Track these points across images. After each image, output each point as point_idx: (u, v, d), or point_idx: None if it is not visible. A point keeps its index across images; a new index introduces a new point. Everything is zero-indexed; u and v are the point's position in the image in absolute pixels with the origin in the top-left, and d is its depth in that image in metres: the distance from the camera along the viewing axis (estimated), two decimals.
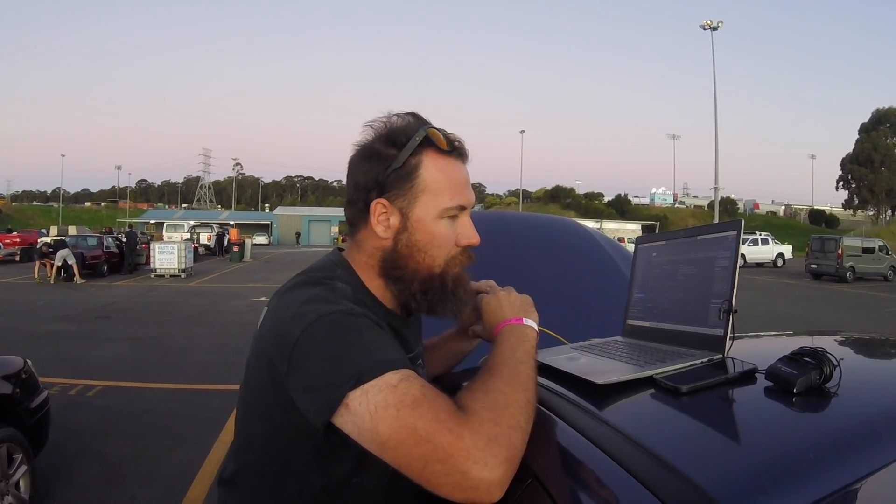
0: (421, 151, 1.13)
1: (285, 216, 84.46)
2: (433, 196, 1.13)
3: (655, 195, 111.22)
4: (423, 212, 1.14)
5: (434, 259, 1.15)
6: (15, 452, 3.78)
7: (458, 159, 1.18)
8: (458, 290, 1.19)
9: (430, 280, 1.16)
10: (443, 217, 1.15)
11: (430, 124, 1.17)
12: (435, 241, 1.15)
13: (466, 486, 0.87)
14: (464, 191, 1.16)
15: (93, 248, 22.92)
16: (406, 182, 1.12)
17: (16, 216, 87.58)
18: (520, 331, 1.16)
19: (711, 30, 36.03)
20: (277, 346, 1.03)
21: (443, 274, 1.16)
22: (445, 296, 1.17)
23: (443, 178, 1.14)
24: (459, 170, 1.17)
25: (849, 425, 0.89)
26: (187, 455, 5.06)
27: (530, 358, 1.09)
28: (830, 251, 27.77)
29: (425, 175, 1.13)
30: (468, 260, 1.20)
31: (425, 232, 1.14)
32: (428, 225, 1.14)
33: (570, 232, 3.08)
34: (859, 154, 76.43)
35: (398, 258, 1.15)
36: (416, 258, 1.15)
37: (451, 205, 1.14)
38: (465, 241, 1.18)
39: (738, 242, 1.22)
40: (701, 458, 0.82)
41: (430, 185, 1.13)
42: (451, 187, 1.15)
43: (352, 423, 0.94)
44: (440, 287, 1.16)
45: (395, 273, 1.16)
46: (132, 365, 8.41)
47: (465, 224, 1.18)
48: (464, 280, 1.20)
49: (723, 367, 1.12)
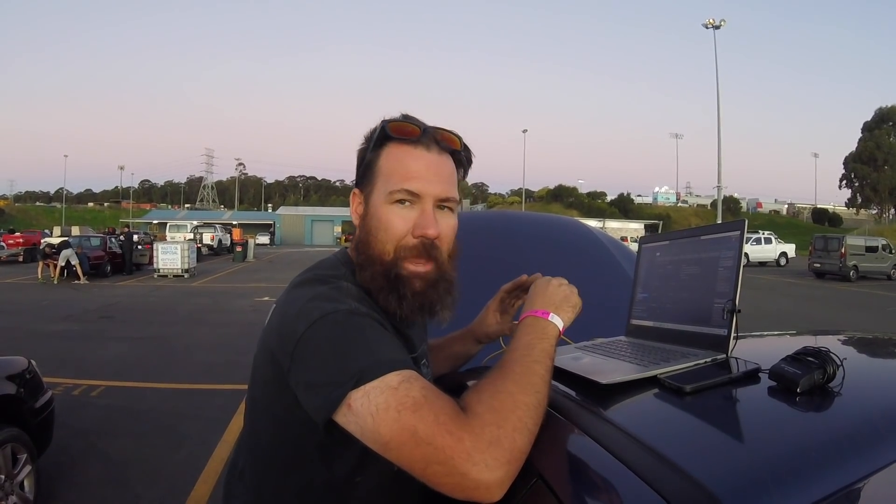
0: (383, 143, 1.17)
1: (288, 216, 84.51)
2: (384, 180, 1.16)
3: (658, 194, 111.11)
4: (377, 196, 1.17)
5: (383, 244, 1.15)
6: (19, 452, 3.79)
7: (426, 149, 1.16)
8: (402, 285, 1.14)
9: (385, 272, 1.14)
10: (391, 202, 1.14)
11: (397, 119, 1.18)
12: (382, 225, 1.15)
13: (466, 486, 0.88)
14: (419, 178, 1.14)
15: (96, 249, 22.98)
16: (370, 171, 1.19)
17: (19, 216, 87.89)
18: (542, 326, 1.13)
19: (714, 28, 35.93)
20: (282, 342, 1.04)
21: (393, 261, 1.14)
22: (388, 286, 1.14)
23: (396, 164, 1.15)
24: (420, 158, 1.15)
25: (852, 425, 0.89)
26: (191, 454, 5.08)
27: (547, 357, 1.07)
28: (833, 250, 27.71)
29: (382, 163, 1.17)
30: (423, 254, 1.15)
31: (375, 216, 1.16)
32: (378, 208, 1.16)
33: (574, 231, 3.07)
34: (862, 152, 76.28)
35: (361, 244, 1.18)
36: (370, 243, 1.16)
37: (396, 188, 1.13)
38: (420, 230, 1.14)
39: (741, 242, 1.22)
40: (705, 457, 0.83)
41: (383, 171, 1.16)
42: (404, 173, 1.14)
43: (354, 424, 0.95)
44: (383, 274, 1.14)
45: (360, 259, 1.17)
46: (135, 365, 8.43)
47: (423, 213, 1.14)
48: (413, 277, 1.15)
49: (726, 367, 1.12)
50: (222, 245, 41.44)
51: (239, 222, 69.40)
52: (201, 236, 39.94)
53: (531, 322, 1.15)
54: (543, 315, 1.15)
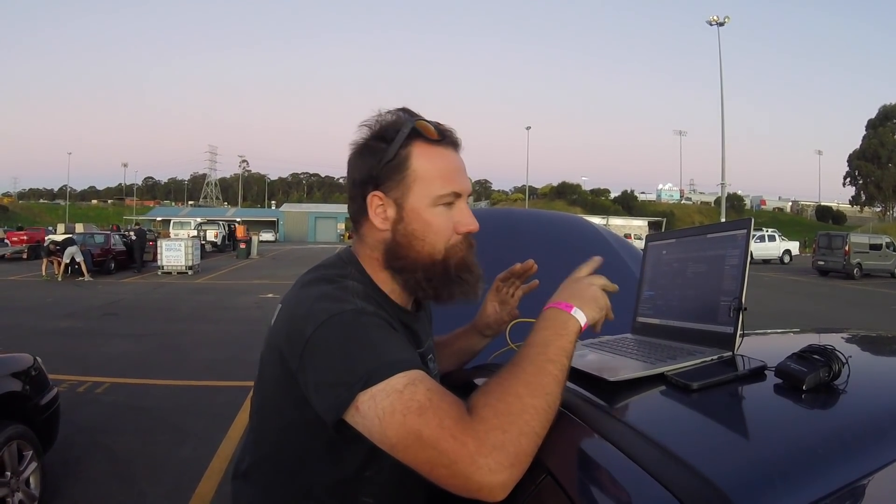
0: (410, 143, 1.15)
1: (292, 213, 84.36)
2: (425, 185, 1.15)
3: (662, 191, 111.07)
4: (417, 201, 1.15)
5: (433, 246, 1.16)
6: (25, 449, 3.80)
7: (449, 148, 1.19)
8: (464, 273, 1.19)
9: (433, 267, 1.17)
10: (437, 205, 1.16)
11: (420, 117, 1.18)
12: (431, 229, 1.16)
13: (470, 488, 0.90)
14: (456, 178, 1.17)
15: (100, 246, 22.99)
16: (398, 173, 1.15)
17: (23, 214, 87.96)
18: (563, 319, 1.08)
19: (718, 25, 35.70)
20: (290, 342, 1.05)
21: (445, 260, 1.17)
22: (450, 280, 1.18)
23: (433, 166, 1.15)
24: (451, 158, 1.19)
25: (857, 422, 0.89)
26: (195, 451, 5.09)
27: (563, 355, 1.03)
28: (837, 248, 27.64)
29: (416, 165, 1.15)
30: (469, 246, 1.21)
31: (420, 220, 1.16)
32: (422, 213, 1.16)
33: (579, 229, 3.07)
34: (866, 150, 76.20)
35: (398, 248, 1.17)
36: (415, 247, 1.16)
37: (443, 192, 1.16)
38: (464, 228, 1.18)
39: (748, 241, 1.22)
40: (713, 453, 0.83)
41: (420, 175, 1.15)
42: (442, 175, 1.16)
43: (363, 425, 0.97)
44: (443, 272, 1.17)
45: (397, 263, 1.18)
46: (140, 361, 8.44)
47: (462, 211, 1.19)
48: (469, 263, 1.20)
49: (733, 365, 1.12)
50: (226, 242, 41.47)
51: (242, 219, 69.32)
52: (205, 233, 39.94)
53: (552, 315, 1.10)
54: (567, 308, 1.10)
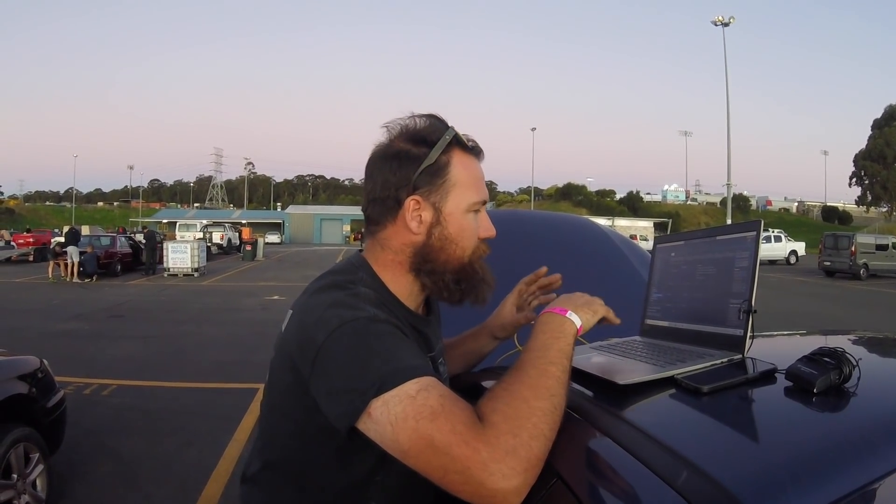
0: (450, 150, 1.18)
1: (297, 215, 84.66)
2: (463, 191, 1.19)
3: (667, 192, 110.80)
4: (454, 206, 1.19)
5: (464, 250, 1.21)
6: (31, 451, 3.81)
7: (477, 158, 1.24)
8: (487, 274, 1.25)
9: (462, 269, 1.21)
10: (470, 211, 1.21)
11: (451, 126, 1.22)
12: (465, 234, 1.21)
13: (484, 495, 0.89)
14: (483, 187, 1.24)
15: (106, 248, 23.03)
16: (438, 178, 1.17)
17: (29, 216, 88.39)
18: (558, 323, 1.13)
19: (723, 25, 35.65)
20: (301, 349, 1.05)
21: (472, 262, 1.22)
22: (478, 281, 1.24)
23: (469, 175, 1.20)
24: (479, 168, 1.25)
25: (868, 425, 0.89)
26: (201, 453, 5.10)
27: (563, 357, 1.06)
28: (843, 248, 27.52)
29: (455, 172, 1.19)
30: (485, 251, 1.26)
31: (457, 225, 1.19)
32: (459, 218, 1.20)
33: (585, 231, 3.07)
34: (872, 150, 75.90)
35: (431, 251, 1.19)
36: (447, 250, 1.19)
37: (477, 199, 1.22)
38: (485, 233, 1.24)
39: (757, 243, 1.22)
40: (724, 457, 0.83)
41: (459, 181, 1.19)
42: (475, 184, 1.22)
43: (374, 431, 0.97)
44: (472, 274, 1.23)
45: (427, 266, 1.20)
46: (146, 364, 8.46)
47: (484, 217, 1.24)
48: (487, 266, 1.27)
49: (743, 368, 1.12)
50: (232, 244, 41.59)
51: (248, 221, 69.62)
52: (211, 235, 40.10)
53: (548, 319, 1.15)
54: (561, 312, 1.15)
